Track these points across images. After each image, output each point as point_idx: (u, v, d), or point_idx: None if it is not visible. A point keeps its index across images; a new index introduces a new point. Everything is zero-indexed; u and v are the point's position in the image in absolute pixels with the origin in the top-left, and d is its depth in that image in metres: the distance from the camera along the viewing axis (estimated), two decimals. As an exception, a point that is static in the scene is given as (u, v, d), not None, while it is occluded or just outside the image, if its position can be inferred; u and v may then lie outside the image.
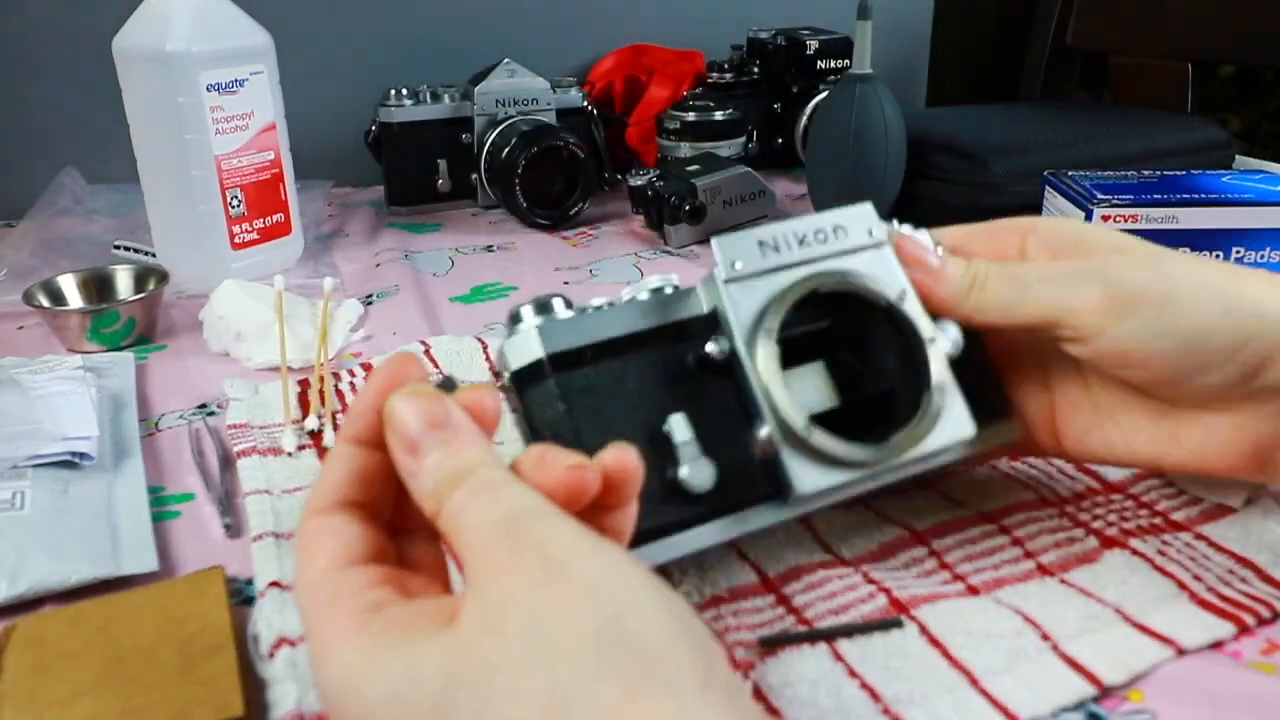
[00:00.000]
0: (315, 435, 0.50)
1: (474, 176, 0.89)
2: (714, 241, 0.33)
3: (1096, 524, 0.40)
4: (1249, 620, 0.34)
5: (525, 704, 0.21)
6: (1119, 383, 0.36)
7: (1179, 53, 1.11)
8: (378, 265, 0.78)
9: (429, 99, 0.88)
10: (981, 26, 1.53)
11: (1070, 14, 1.18)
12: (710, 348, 0.33)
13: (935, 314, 0.36)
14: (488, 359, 0.58)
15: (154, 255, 0.74)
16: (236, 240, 0.71)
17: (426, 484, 0.26)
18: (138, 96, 0.68)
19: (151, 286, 0.65)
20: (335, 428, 0.50)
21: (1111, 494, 0.42)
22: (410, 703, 0.22)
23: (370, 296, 0.70)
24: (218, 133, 0.68)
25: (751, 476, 0.33)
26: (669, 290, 0.34)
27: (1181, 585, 0.36)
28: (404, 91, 0.88)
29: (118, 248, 0.77)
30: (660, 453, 0.32)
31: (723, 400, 0.33)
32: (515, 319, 0.33)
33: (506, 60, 0.88)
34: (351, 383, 0.56)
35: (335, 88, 0.98)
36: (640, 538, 0.30)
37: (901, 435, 0.34)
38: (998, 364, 0.39)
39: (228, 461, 0.48)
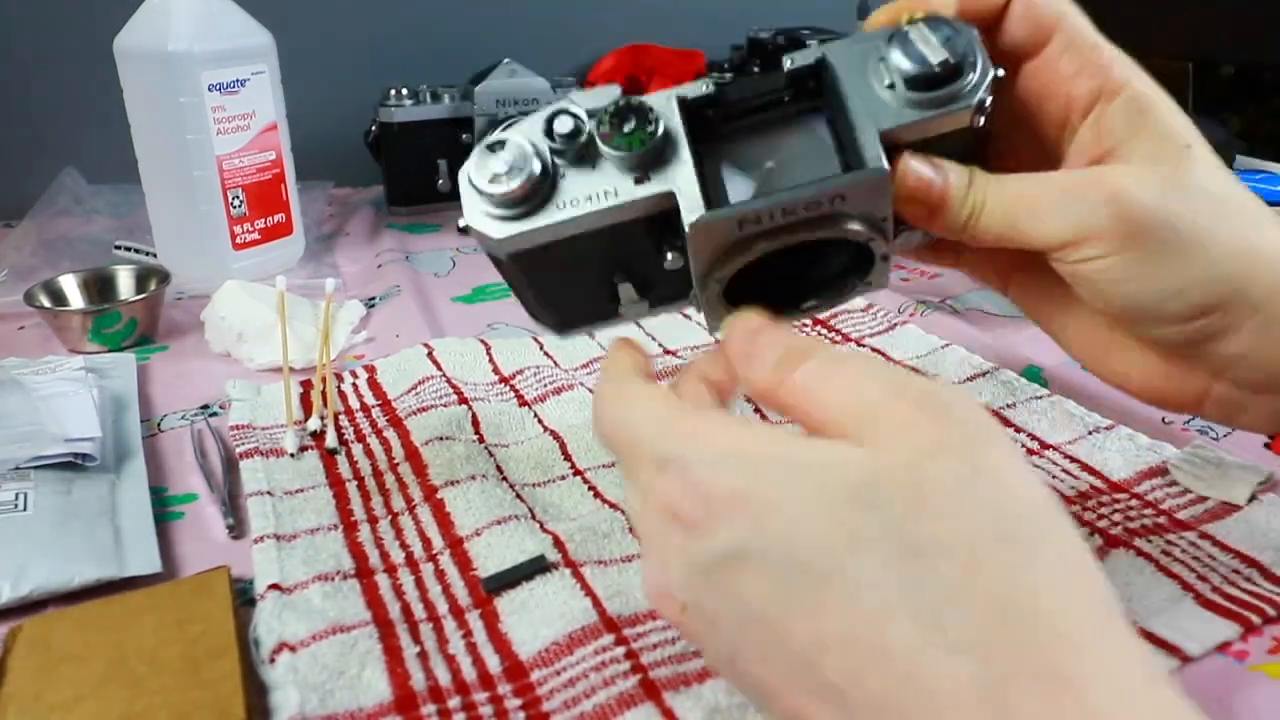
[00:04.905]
0: (318, 436, 0.49)
1: (474, 176, 0.89)
2: (689, 228, 0.31)
3: (1101, 523, 0.40)
4: (1255, 620, 0.34)
5: (962, 532, 0.22)
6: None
7: (1179, 53, 1.11)
8: (379, 266, 0.77)
9: (429, 99, 0.88)
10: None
11: (1070, 14, 1.18)
12: (668, 258, 0.34)
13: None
14: (491, 360, 0.58)
15: (155, 255, 0.74)
16: (238, 240, 0.71)
17: (766, 361, 0.27)
18: (139, 96, 0.68)
19: (153, 287, 0.65)
20: (337, 429, 0.50)
21: (1116, 493, 0.42)
22: (826, 486, 0.23)
23: (373, 299, 0.70)
24: (219, 133, 0.68)
25: (678, 294, 0.36)
26: (659, 129, 0.32)
27: (1187, 586, 0.36)
28: (404, 91, 0.88)
29: (119, 248, 0.77)
30: (606, 291, 0.36)
31: (670, 273, 0.34)
32: (480, 173, 0.32)
33: (506, 60, 0.88)
34: (354, 384, 0.56)
35: (335, 88, 0.98)
36: (575, 325, 0.37)
37: (814, 303, 0.36)
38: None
39: (231, 462, 0.48)
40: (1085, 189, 0.32)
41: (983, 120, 0.32)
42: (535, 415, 0.51)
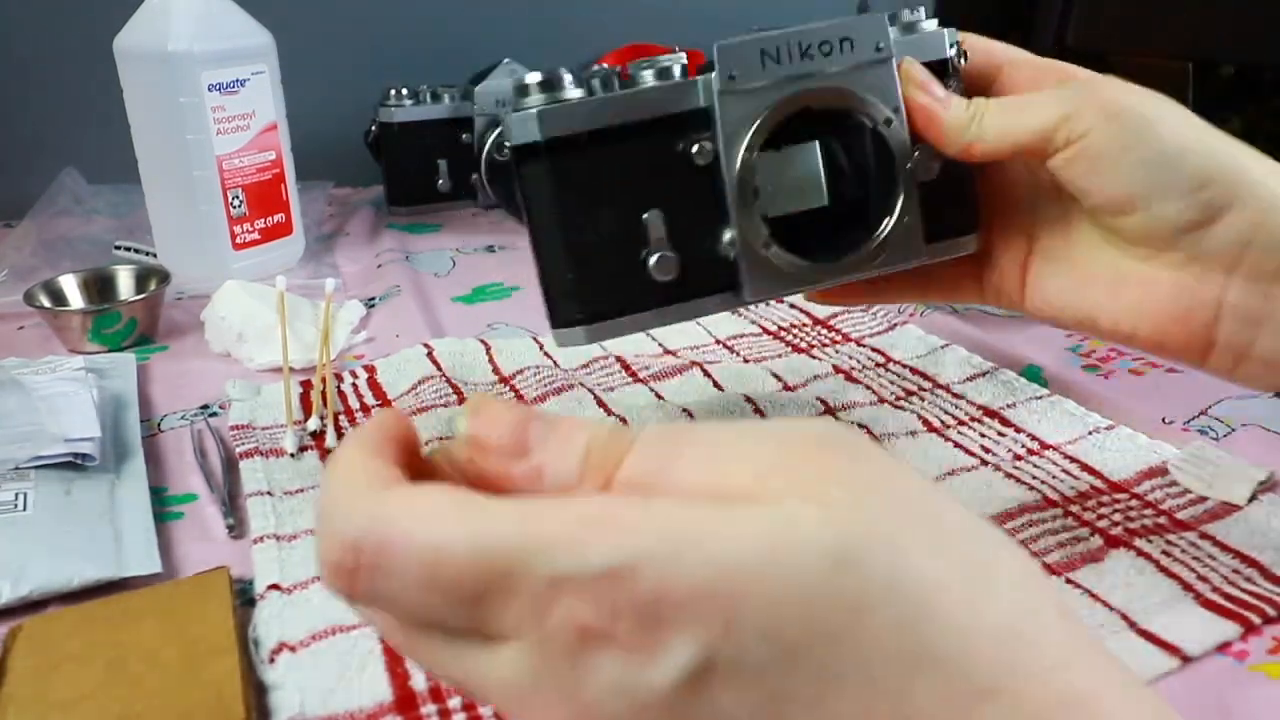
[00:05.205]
0: (317, 436, 0.49)
1: (474, 176, 0.89)
2: (715, 48, 0.35)
3: (1101, 523, 0.40)
4: (1255, 620, 0.34)
5: (945, 568, 0.19)
6: (1097, 235, 0.37)
7: (1179, 53, 1.11)
8: (379, 266, 0.77)
9: (429, 99, 0.88)
10: (982, 27, 1.52)
11: (1071, 14, 1.18)
12: (695, 152, 0.35)
13: (929, 143, 0.37)
14: (491, 360, 0.58)
15: (155, 255, 0.74)
16: (238, 240, 0.71)
17: (568, 462, 0.22)
18: (139, 96, 0.68)
19: (153, 287, 0.65)
20: (337, 429, 0.50)
21: (1116, 493, 0.42)
22: (800, 555, 0.19)
23: (373, 299, 0.70)
24: (219, 133, 0.68)
25: (712, 272, 0.36)
26: (676, 70, 0.36)
27: (1187, 586, 0.36)
28: (404, 91, 0.88)
29: (119, 248, 0.77)
30: (636, 238, 0.35)
31: (702, 197, 0.35)
32: (522, 91, 0.35)
33: (506, 60, 0.88)
34: (354, 384, 0.56)
35: (335, 88, 0.97)
36: (601, 314, 0.35)
37: (853, 257, 0.37)
38: (985, 198, 0.40)
39: (230, 462, 0.48)
40: (1071, 83, 0.36)
41: (962, 61, 0.38)
42: (535, 415, 0.51)
